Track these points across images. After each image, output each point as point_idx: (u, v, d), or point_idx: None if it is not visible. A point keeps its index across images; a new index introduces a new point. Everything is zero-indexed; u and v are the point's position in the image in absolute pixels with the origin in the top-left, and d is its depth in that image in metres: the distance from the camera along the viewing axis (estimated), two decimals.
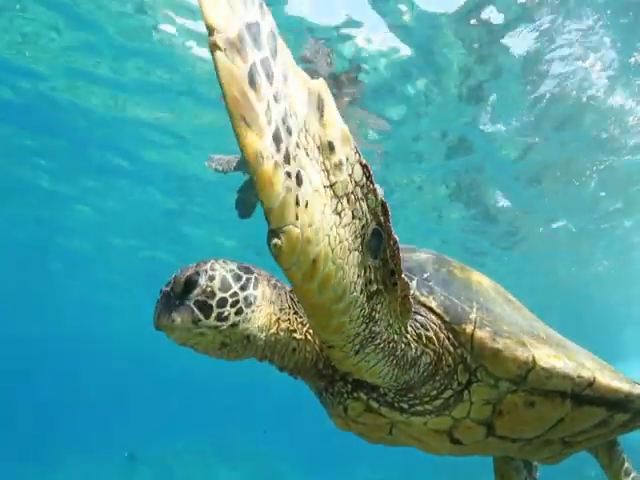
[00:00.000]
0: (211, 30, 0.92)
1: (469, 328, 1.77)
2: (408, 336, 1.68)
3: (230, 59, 0.95)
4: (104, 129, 10.56)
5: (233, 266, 1.70)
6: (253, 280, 1.71)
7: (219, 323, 1.62)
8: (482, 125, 9.23)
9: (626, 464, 2.54)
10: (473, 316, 1.80)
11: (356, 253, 1.31)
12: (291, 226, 1.12)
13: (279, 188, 1.07)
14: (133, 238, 17.59)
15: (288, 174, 1.09)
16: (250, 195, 8.38)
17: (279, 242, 1.12)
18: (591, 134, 9.33)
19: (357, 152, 1.25)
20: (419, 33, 7.06)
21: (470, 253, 15.29)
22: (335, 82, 7.83)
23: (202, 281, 1.62)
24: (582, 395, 1.87)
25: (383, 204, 1.32)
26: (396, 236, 1.37)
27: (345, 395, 1.92)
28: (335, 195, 1.23)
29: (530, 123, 9.07)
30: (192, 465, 20.77)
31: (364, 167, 1.26)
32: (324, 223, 1.20)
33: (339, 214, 1.25)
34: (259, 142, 1.02)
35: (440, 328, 1.78)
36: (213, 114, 9.41)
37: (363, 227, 1.31)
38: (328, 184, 1.22)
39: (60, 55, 8.21)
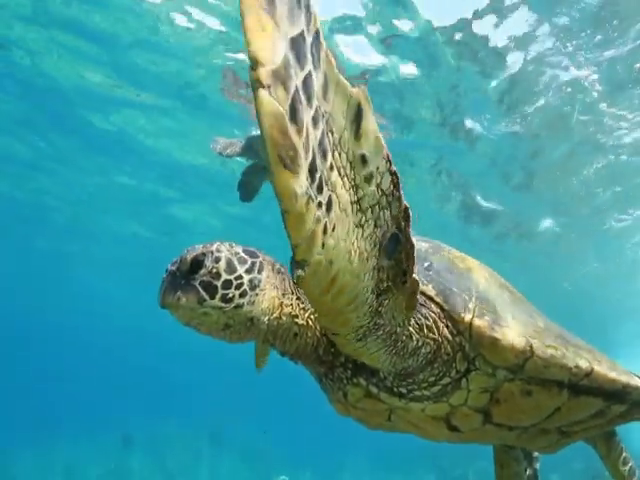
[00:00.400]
0: (255, 64, 0.84)
1: (467, 317, 1.77)
2: (410, 328, 1.69)
3: (274, 95, 0.87)
4: (97, 106, 10.45)
5: (239, 249, 1.72)
6: (258, 264, 1.72)
7: (223, 304, 1.63)
8: (480, 126, 9.28)
9: (624, 454, 2.56)
10: (472, 305, 1.81)
11: (373, 259, 1.30)
12: (316, 256, 1.09)
13: (310, 224, 1.03)
14: (124, 218, 17.45)
15: (319, 204, 1.04)
16: (253, 179, 8.31)
17: (303, 274, 1.09)
18: (588, 137, 9.38)
19: (388, 160, 1.20)
20: (415, 34, 7.15)
21: (476, 247, 15.32)
22: None
23: (208, 262, 1.63)
24: (579, 385, 1.88)
25: (406, 209, 1.28)
26: (414, 239, 1.33)
27: (345, 381, 1.93)
28: (360, 209, 1.20)
29: (528, 124, 9.10)
30: (185, 450, 20.85)
31: (393, 175, 1.22)
32: (347, 241, 1.17)
33: (362, 226, 1.22)
34: (296, 182, 0.96)
35: (439, 317, 1.78)
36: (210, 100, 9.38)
37: (383, 234, 1.28)
38: (355, 199, 1.18)
39: (51, 31, 8.11)
